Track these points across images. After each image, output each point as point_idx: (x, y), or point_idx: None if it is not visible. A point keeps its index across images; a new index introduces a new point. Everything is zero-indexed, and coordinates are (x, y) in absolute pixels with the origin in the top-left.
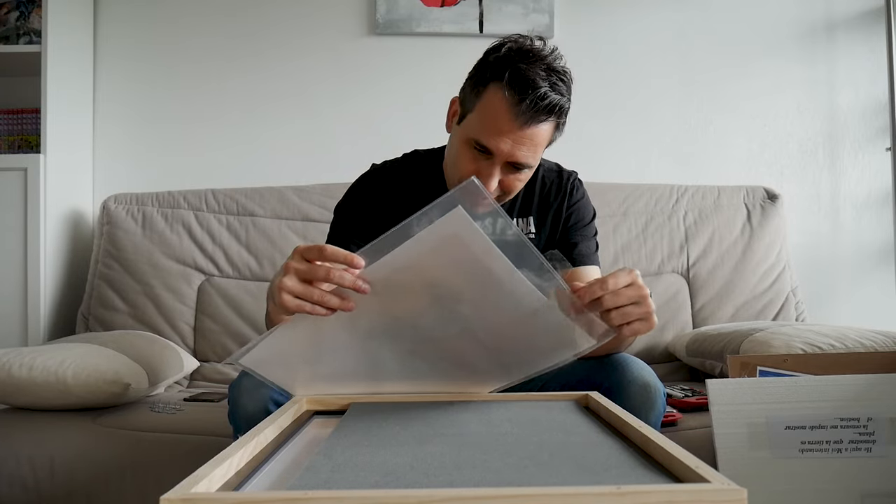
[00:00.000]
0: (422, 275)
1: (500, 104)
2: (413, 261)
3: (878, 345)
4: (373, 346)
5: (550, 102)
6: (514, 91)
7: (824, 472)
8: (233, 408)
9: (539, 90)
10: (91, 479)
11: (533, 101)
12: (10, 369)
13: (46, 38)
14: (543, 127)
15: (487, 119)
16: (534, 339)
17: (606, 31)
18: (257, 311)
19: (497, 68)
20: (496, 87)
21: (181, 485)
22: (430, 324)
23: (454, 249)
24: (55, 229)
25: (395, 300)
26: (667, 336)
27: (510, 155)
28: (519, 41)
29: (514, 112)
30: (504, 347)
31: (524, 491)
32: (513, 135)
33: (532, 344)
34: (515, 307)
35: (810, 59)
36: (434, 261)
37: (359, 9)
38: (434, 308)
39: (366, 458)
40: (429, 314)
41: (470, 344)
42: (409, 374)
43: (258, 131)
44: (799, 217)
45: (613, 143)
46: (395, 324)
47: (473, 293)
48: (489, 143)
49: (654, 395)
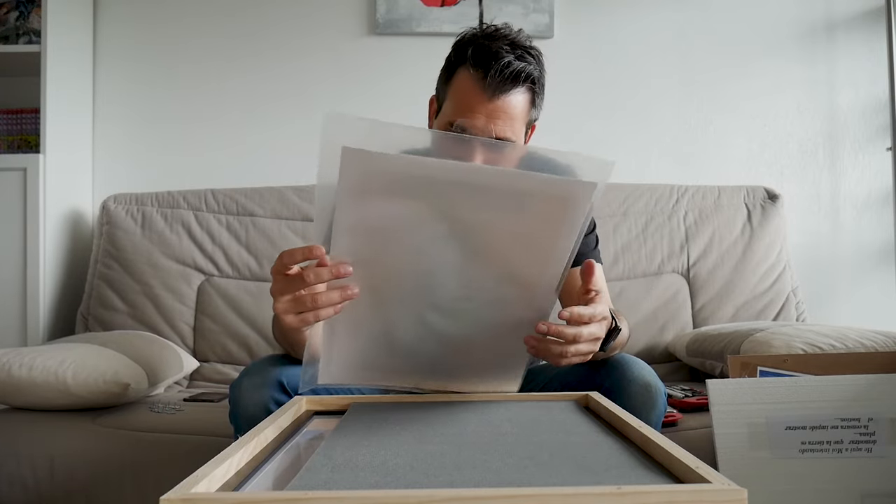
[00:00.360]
0: (469, 209)
1: (468, 82)
2: (498, 189)
3: (879, 345)
4: (395, 317)
5: (515, 70)
6: (478, 67)
7: (824, 472)
8: (233, 408)
9: (502, 60)
10: (91, 479)
11: (497, 71)
12: (10, 369)
13: (46, 38)
14: (515, 97)
15: (459, 100)
16: (501, 339)
17: (606, 31)
18: (257, 312)
19: (461, 52)
20: (463, 69)
21: (181, 485)
22: (437, 280)
23: (544, 208)
24: (55, 229)
25: (413, 231)
26: (667, 336)
27: (486, 131)
28: (481, 27)
29: (481, 86)
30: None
31: (524, 491)
32: (485, 109)
33: (498, 344)
34: (517, 298)
35: (810, 59)
36: (504, 203)
37: (359, 9)
38: (444, 252)
39: (366, 458)
40: (439, 259)
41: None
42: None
43: (258, 131)
44: (799, 217)
45: (613, 143)
46: (410, 279)
47: (503, 252)
48: (464, 121)
49: (655, 396)
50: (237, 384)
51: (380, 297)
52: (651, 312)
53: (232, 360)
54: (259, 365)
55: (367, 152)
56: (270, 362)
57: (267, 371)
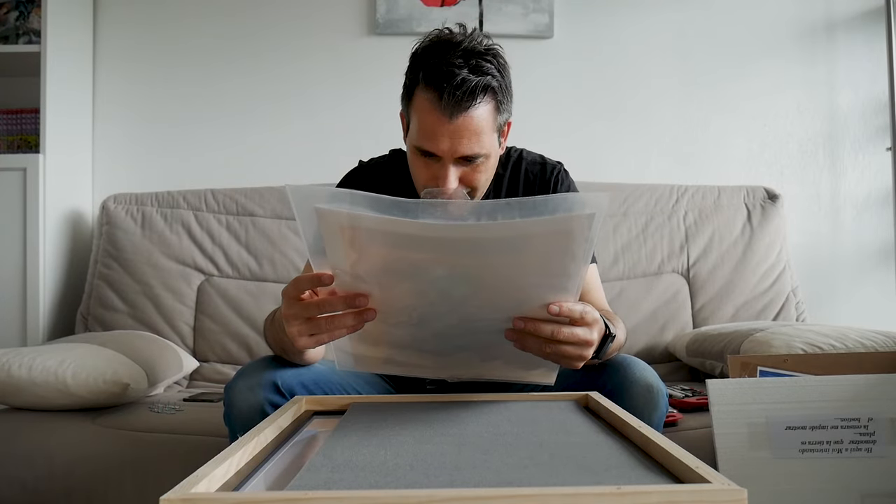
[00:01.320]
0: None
1: (426, 105)
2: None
3: (879, 345)
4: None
5: (469, 86)
6: (432, 88)
7: (824, 472)
8: (228, 409)
9: (455, 79)
10: (90, 479)
11: (451, 93)
12: (10, 369)
13: (46, 38)
14: (476, 112)
15: (421, 124)
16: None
17: (606, 31)
18: (257, 312)
19: (416, 71)
20: (419, 91)
21: (181, 485)
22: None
23: (542, 246)
24: (54, 229)
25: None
26: (667, 336)
27: (453, 151)
28: (433, 35)
29: (439, 109)
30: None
31: (524, 491)
32: (447, 131)
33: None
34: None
35: (810, 59)
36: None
37: (359, 9)
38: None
39: (366, 458)
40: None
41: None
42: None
43: (258, 131)
44: (799, 217)
45: (613, 143)
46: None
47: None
48: (429, 146)
49: (657, 397)
50: (231, 386)
51: (390, 317)
52: (651, 312)
53: (232, 360)
54: (253, 366)
55: (342, 213)
56: (265, 364)
57: (261, 373)
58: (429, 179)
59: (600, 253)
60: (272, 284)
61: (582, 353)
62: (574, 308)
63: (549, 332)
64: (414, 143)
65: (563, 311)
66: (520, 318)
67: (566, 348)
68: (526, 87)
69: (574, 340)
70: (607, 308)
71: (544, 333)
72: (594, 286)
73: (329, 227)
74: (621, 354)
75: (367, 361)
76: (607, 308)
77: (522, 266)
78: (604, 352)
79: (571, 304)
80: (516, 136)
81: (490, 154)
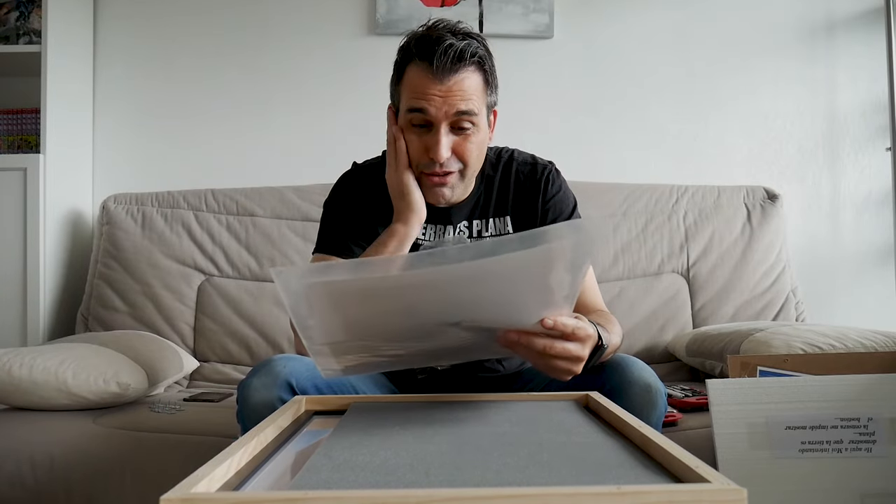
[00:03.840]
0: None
1: (418, 73)
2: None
3: (879, 345)
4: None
5: (458, 49)
6: (423, 55)
7: (824, 472)
8: (241, 407)
9: (444, 43)
10: (91, 479)
11: (442, 54)
12: (10, 369)
13: (46, 38)
14: (466, 75)
15: (412, 90)
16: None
17: (606, 31)
18: (257, 312)
19: (406, 51)
20: (410, 66)
21: (181, 485)
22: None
23: (536, 274)
24: (55, 229)
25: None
26: (667, 336)
27: (446, 111)
28: (419, 27)
29: (431, 72)
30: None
31: (524, 491)
32: (439, 91)
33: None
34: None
35: (810, 59)
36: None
37: (359, 9)
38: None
39: (366, 458)
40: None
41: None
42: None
43: (258, 131)
44: (799, 217)
45: (613, 142)
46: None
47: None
48: (422, 105)
49: (656, 396)
50: (246, 383)
51: (385, 348)
52: (651, 312)
53: (232, 359)
54: (268, 365)
55: (332, 282)
56: (279, 362)
57: (276, 371)
58: (422, 153)
59: (600, 253)
60: (272, 284)
61: (572, 368)
62: (567, 323)
63: (541, 347)
64: (407, 106)
65: (557, 326)
66: (513, 331)
67: (557, 362)
68: (526, 87)
69: (566, 356)
70: (604, 309)
71: (537, 347)
72: (590, 286)
73: (322, 299)
74: (620, 354)
75: (354, 368)
76: (604, 309)
77: (519, 292)
78: (594, 361)
79: (565, 319)
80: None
81: (480, 124)
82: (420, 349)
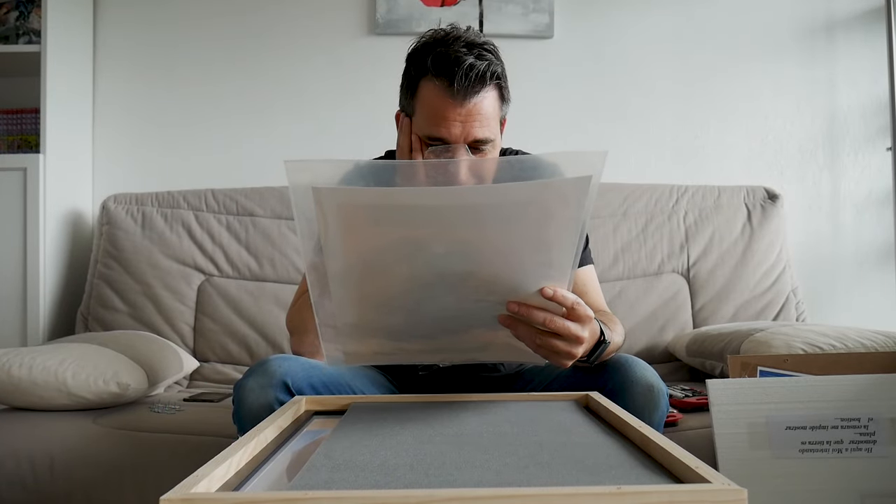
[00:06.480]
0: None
1: (435, 92)
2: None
3: (879, 345)
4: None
5: (479, 71)
6: (442, 75)
7: (824, 472)
8: (237, 408)
9: (465, 63)
10: (91, 479)
11: (463, 76)
12: (10, 369)
13: (46, 38)
14: (485, 96)
15: (430, 112)
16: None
17: (606, 31)
18: (257, 312)
19: (420, 64)
20: (426, 81)
21: (181, 485)
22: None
23: (540, 212)
24: (54, 229)
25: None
26: (667, 336)
27: (465, 135)
28: (431, 33)
29: (450, 94)
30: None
31: (524, 491)
32: (458, 115)
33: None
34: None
35: (810, 59)
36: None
37: (359, 9)
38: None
39: (366, 458)
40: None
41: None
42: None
43: (258, 131)
44: (799, 217)
45: (613, 142)
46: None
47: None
48: (440, 132)
49: (658, 396)
50: (242, 384)
51: (386, 304)
52: (651, 312)
53: (232, 360)
54: (263, 365)
55: (339, 189)
56: (275, 363)
57: (271, 371)
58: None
59: (600, 253)
60: (272, 284)
61: (571, 350)
62: (567, 296)
63: (541, 320)
64: (423, 132)
65: (557, 296)
66: (514, 301)
67: (557, 342)
68: (526, 87)
69: (565, 334)
70: (606, 309)
71: (537, 320)
72: (592, 287)
73: (325, 206)
74: (622, 354)
75: (358, 356)
76: (606, 309)
77: (520, 238)
78: (596, 356)
79: (565, 292)
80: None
81: (496, 142)
82: (425, 331)
